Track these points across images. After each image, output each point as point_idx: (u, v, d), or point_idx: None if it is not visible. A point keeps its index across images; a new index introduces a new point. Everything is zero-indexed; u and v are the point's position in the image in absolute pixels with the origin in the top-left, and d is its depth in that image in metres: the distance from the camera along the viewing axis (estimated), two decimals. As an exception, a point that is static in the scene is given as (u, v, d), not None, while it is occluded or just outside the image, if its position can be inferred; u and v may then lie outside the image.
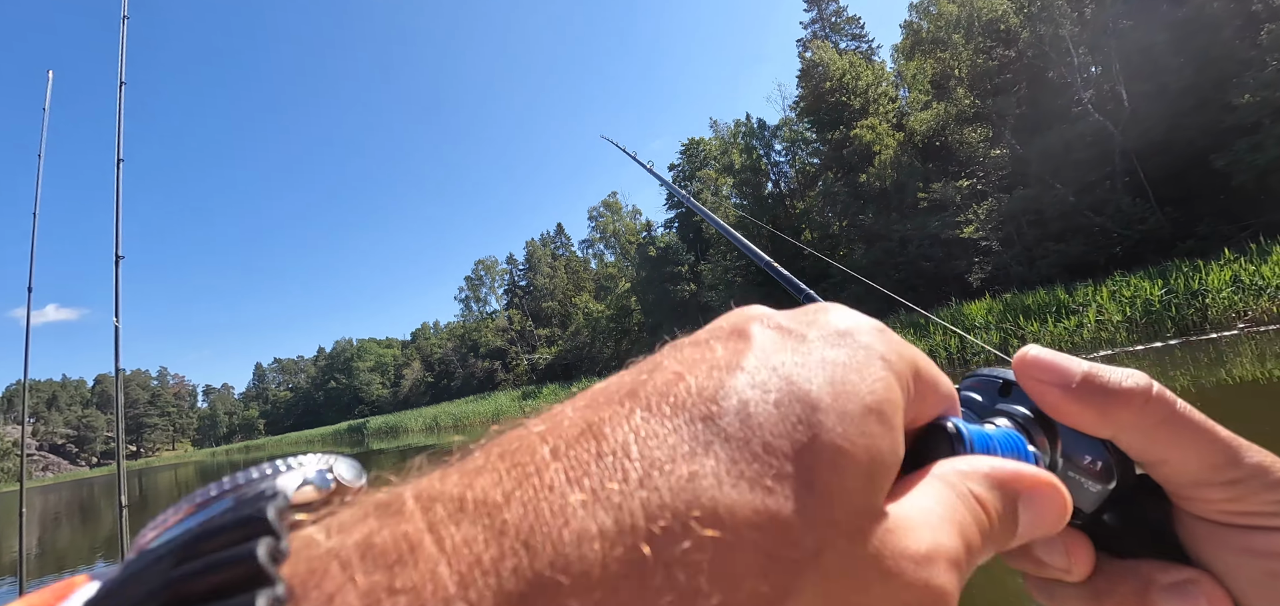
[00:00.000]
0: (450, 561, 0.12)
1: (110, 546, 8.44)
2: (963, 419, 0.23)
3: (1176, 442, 0.23)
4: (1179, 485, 0.24)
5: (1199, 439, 0.23)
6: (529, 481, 0.14)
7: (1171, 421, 0.23)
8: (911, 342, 0.19)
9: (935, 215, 20.69)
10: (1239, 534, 0.23)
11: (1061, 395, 0.24)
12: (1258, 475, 0.22)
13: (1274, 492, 0.22)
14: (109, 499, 22.23)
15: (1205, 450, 0.23)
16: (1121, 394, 0.23)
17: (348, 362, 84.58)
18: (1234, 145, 14.01)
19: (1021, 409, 0.26)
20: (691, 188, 35.33)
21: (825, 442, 0.15)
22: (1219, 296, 10.06)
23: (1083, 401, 0.23)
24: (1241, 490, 0.22)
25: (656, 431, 0.15)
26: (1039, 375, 0.24)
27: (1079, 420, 0.24)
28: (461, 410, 38.27)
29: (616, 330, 39.98)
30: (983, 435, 0.23)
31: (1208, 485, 0.23)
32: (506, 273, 62.39)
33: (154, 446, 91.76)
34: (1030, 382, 0.25)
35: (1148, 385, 0.23)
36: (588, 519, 0.13)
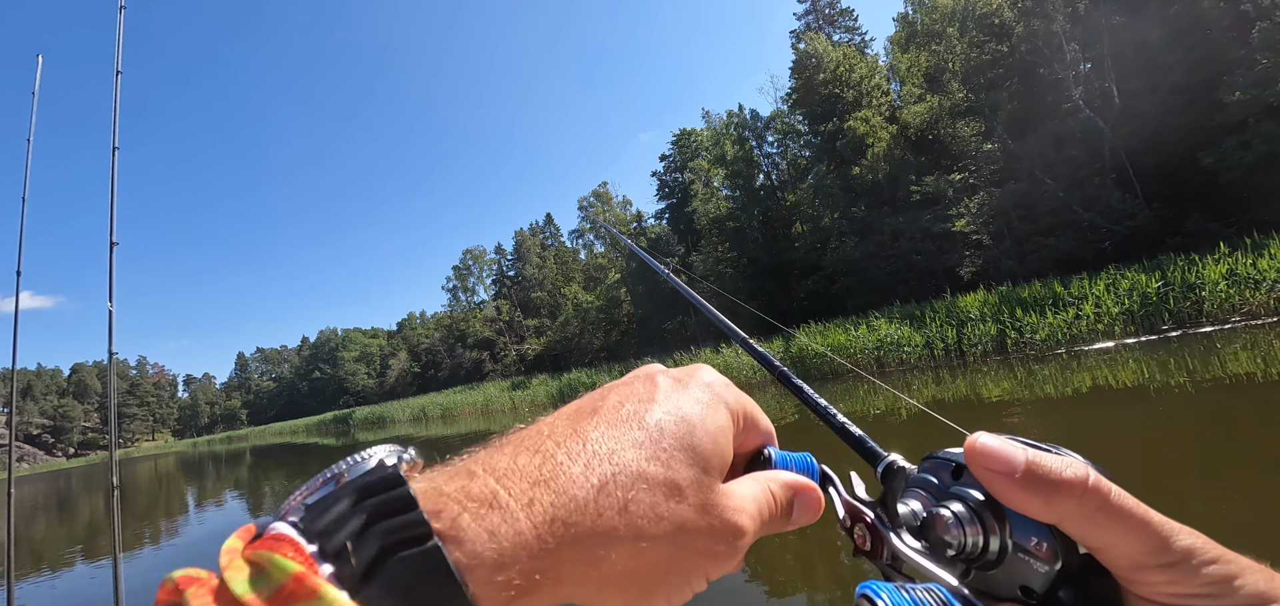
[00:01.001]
0: (517, 501, 0.24)
1: (96, 534, 8.20)
2: (777, 449, 0.35)
3: (1112, 529, 0.25)
4: (1120, 568, 0.26)
5: (1131, 526, 0.25)
6: (548, 459, 0.26)
7: (1106, 510, 0.25)
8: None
9: (927, 209, 20.74)
10: None
11: (1007, 484, 0.26)
12: (1188, 558, 0.24)
13: (1207, 574, 0.24)
14: (89, 490, 21.69)
15: (1138, 537, 0.25)
16: (1062, 485, 0.25)
17: (332, 352, 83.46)
18: (1222, 143, 14.14)
19: (974, 494, 0.29)
20: (683, 179, 35.14)
21: (696, 444, 0.29)
22: (1215, 290, 10.14)
23: (1025, 490, 0.26)
24: (1176, 573, 0.24)
25: (612, 434, 0.28)
26: (986, 464, 0.27)
27: (1024, 507, 0.26)
28: (449, 401, 37.87)
29: (606, 321, 39.76)
30: (784, 457, 0.35)
31: (1146, 569, 0.25)
32: (495, 262, 61.77)
33: (134, 436, 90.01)
34: (979, 470, 0.27)
35: (1084, 476, 0.25)
36: (584, 477, 0.26)
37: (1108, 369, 8.61)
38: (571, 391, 26.45)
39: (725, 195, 31.51)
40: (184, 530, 9.79)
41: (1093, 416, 6.29)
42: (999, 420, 6.71)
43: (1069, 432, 5.71)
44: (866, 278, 23.20)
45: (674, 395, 0.31)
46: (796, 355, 16.66)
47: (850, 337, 15.53)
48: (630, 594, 0.27)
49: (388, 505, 0.23)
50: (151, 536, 9.56)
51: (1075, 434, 5.68)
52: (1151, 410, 5.99)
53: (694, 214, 32.66)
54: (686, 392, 0.31)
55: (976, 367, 11.62)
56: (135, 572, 6.76)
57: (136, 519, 11.97)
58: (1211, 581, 0.24)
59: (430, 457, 0.27)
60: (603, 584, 0.26)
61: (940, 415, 0.43)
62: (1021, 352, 12.00)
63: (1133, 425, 5.65)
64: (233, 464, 25.61)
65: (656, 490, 0.27)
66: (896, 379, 12.63)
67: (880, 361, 14.63)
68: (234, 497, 13.12)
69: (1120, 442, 5.06)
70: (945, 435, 0.34)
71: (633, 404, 0.30)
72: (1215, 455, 4.32)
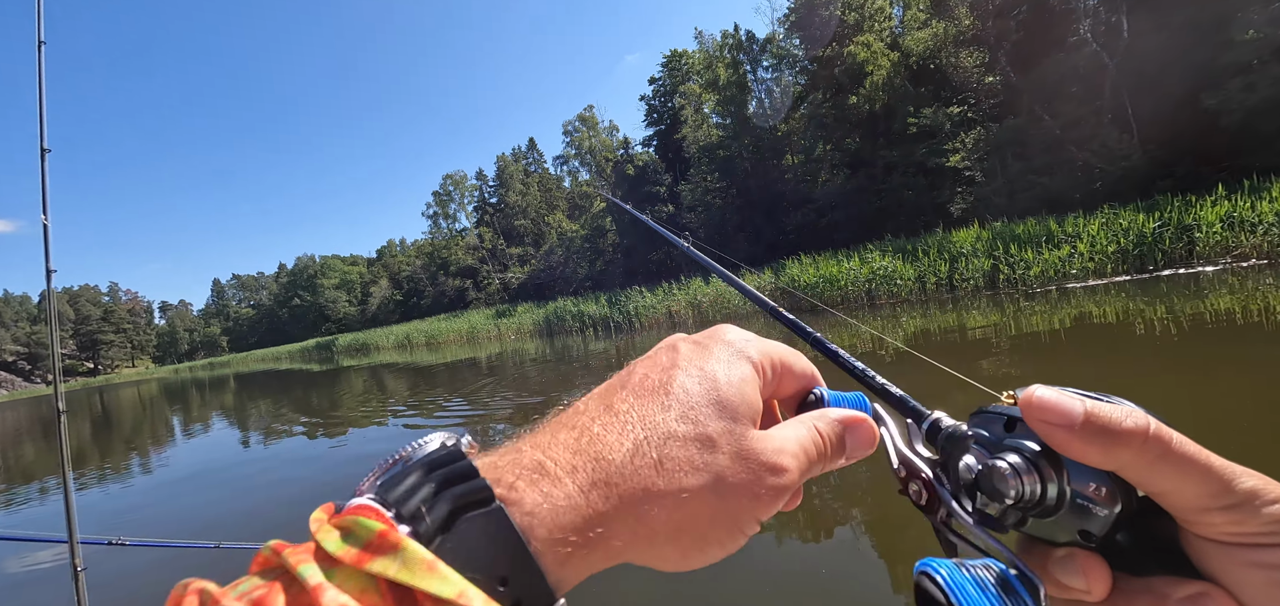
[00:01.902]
0: (562, 469, 0.27)
1: (82, 460, 8.14)
2: (828, 390, 0.36)
3: (1173, 477, 0.25)
4: (1182, 511, 0.26)
5: (1194, 472, 0.25)
6: (584, 432, 0.29)
7: (1168, 457, 0.25)
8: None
9: (923, 142, 20.40)
10: (1243, 550, 0.25)
11: (1066, 435, 0.27)
12: (1252, 500, 0.25)
13: (1269, 513, 0.25)
14: (73, 415, 21.47)
15: (1201, 482, 0.25)
16: (1122, 434, 0.26)
17: (311, 280, 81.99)
18: (1227, 84, 13.92)
19: (1030, 444, 0.30)
20: (673, 105, 33.97)
21: (722, 398, 0.31)
22: (1210, 231, 10.23)
23: (1085, 441, 0.26)
24: (1239, 514, 0.25)
25: (640, 403, 0.30)
26: (1044, 417, 0.27)
27: (1083, 457, 0.27)
28: (434, 328, 37.73)
29: (591, 250, 39.37)
30: (837, 397, 0.36)
31: (1208, 511, 0.25)
32: (476, 189, 60.13)
33: (112, 363, 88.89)
34: (1037, 423, 0.28)
35: (1145, 425, 0.26)
36: (618, 443, 0.28)
37: (1095, 305, 8.74)
38: (557, 320, 26.41)
39: (715, 123, 30.61)
40: (178, 452, 9.75)
41: (1077, 351, 6.38)
42: (984, 354, 6.79)
43: (1053, 367, 5.79)
44: (855, 211, 23.05)
45: (696, 358, 0.32)
46: (785, 285, 16.71)
47: (841, 269, 15.54)
48: (683, 544, 0.28)
49: (453, 475, 0.26)
50: (140, 461, 9.49)
51: (1062, 368, 5.76)
52: (1136, 345, 6.09)
53: (683, 141, 31.78)
54: (708, 354, 0.33)
55: (966, 303, 11.74)
56: (136, 489, 6.73)
57: (125, 444, 11.88)
58: (1273, 519, 0.25)
59: (421, 383, 0.27)
60: (652, 538, 0.28)
61: (928, 357, 0.41)
62: (1012, 289, 12.13)
63: (1117, 358, 5.74)
64: (218, 389, 25.46)
65: (689, 445, 0.29)
66: (886, 312, 12.75)
67: (871, 294, 14.73)
68: (226, 423, 13.04)
69: (1105, 375, 5.14)
70: (934, 377, 0.33)
71: (657, 373, 0.32)
72: (1194, 392, 4.41)
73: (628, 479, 0.27)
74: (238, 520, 5.32)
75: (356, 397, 13.61)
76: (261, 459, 8.29)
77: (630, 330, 20.95)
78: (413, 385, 14.18)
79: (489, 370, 14.40)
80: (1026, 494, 0.29)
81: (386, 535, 0.22)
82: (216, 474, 7.62)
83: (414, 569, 0.22)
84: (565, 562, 0.26)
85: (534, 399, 9.16)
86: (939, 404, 0.33)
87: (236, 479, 7.24)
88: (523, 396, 9.56)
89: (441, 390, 12.07)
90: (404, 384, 14.81)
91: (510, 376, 12.54)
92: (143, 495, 7.14)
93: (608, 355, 13.99)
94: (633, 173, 35.73)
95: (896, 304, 13.69)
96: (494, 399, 9.81)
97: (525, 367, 13.88)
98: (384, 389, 14.60)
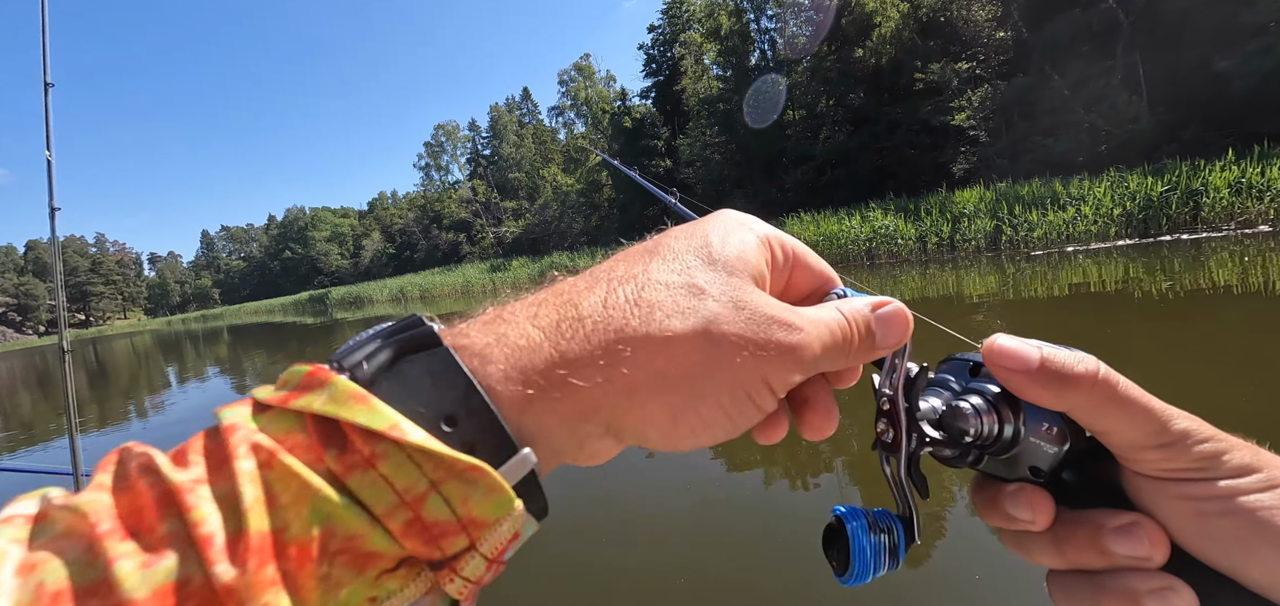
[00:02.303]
0: (524, 314, 0.26)
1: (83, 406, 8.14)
2: (853, 290, 0.34)
3: (1118, 417, 0.28)
4: (1122, 449, 0.29)
5: (1136, 413, 0.28)
6: (554, 286, 0.28)
7: (1114, 400, 0.28)
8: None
9: (928, 99, 19.97)
10: (1172, 484, 0.28)
11: (1023, 379, 0.29)
12: (1184, 440, 0.27)
13: (1197, 451, 0.27)
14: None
15: (1141, 422, 0.28)
16: (1073, 378, 0.28)
17: (302, 232, 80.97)
18: (1243, 46, 13.61)
19: (991, 387, 0.32)
20: (672, 55, 32.95)
21: (717, 255, 0.28)
22: (1218, 197, 10.13)
23: (1040, 384, 0.28)
24: (1172, 453, 0.27)
25: (623, 261, 0.28)
26: (1003, 362, 0.29)
27: (1038, 399, 0.29)
28: (428, 281, 37.54)
29: (586, 204, 38.91)
30: (859, 293, 0.34)
31: (1145, 449, 0.28)
32: (469, 140, 58.85)
33: (104, 314, 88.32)
34: (996, 368, 0.29)
35: (1094, 369, 0.28)
36: (590, 288, 0.26)
37: (1097, 269, 8.72)
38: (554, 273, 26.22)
39: (715, 75, 29.78)
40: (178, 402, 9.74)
41: (1075, 314, 6.38)
42: (985, 318, 6.79)
43: (1052, 328, 5.80)
44: (856, 169, 22.73)
45: (688, 230, 0.30)
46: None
47: (842, 227, 15.40)
48: (672, 401, 0.25)
49: (404, 329, 0.24)
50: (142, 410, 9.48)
51: (1063, 328, 5.77)
52: (1133, 308, 6.09)
53: (682, 93, 31.01)
54: (704, 224, 0.31)
55: (966, 264, 11.72)
56: (134, 433, 6.70)
57: (122, 394, 11.86)
58: (1201, 457, 0.27)
59: None
60: (633, 389, 0.24)
61: (937, 321, 0.42)
62: (1014, 251, 12.08)
63: (1114, 322, 5.75)
64: (212, 341, 25.38)
65: (674, 290, 0.26)
66: (886, 272, 12.73)
67: (871, 254, 14.66)
68: (219, 373, 13.02)
69: (1101, 336, 5.14)
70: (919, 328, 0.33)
71: (641, 247, 0.30)
72: (1193, 355, 4.41)
73: (599, 320, 0.25)
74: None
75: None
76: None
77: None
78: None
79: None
80: (985, 432, 0.31)
81: (315, 373, 0.21)
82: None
83: (341, 401, 0.20)
84: (526, 407, 0.23)
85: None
86: (923, 354, 0.33)
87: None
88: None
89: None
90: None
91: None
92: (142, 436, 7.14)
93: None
94: (630, 125, 34.97)
95: (897, 263, 13.65)
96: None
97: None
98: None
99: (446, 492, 0.20)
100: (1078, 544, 0.30)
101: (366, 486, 0.20)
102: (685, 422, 0.26)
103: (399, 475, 0.20)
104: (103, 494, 0.19)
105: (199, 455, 0.20)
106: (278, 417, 0.21)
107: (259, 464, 0.19)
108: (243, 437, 0.19)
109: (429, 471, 0.20)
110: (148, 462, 0.19)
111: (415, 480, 0.20)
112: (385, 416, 0.20)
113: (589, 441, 0.25)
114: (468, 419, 0.22)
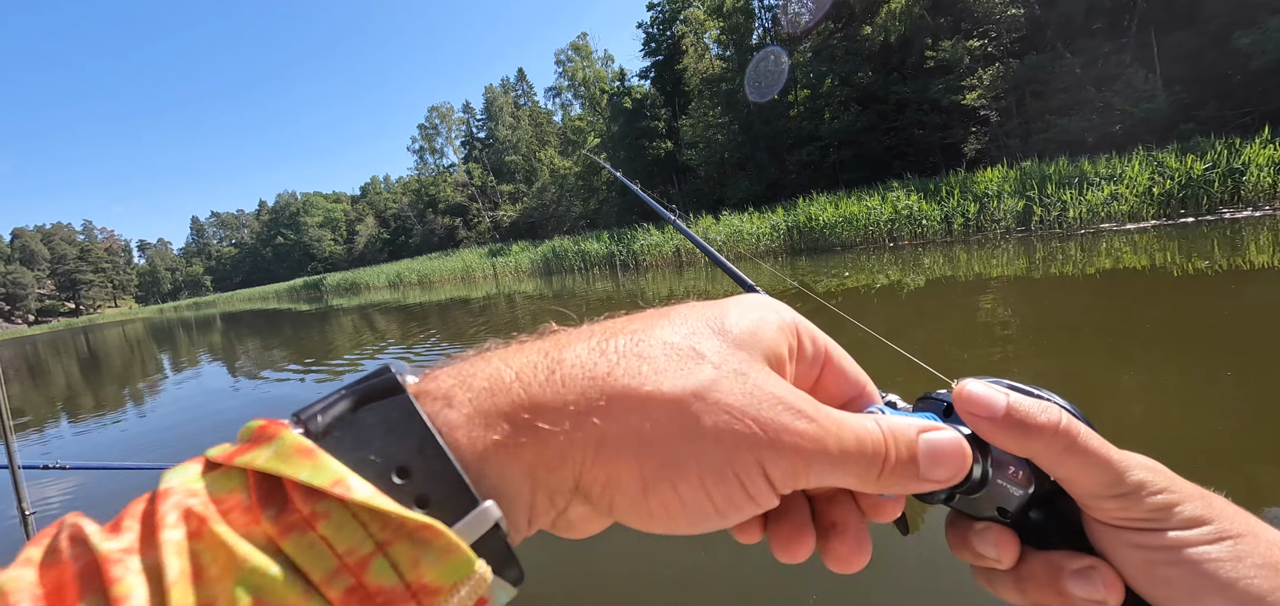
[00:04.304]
0: (499, 356, 0.24)
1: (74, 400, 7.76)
2: (890, 406, 0.33)
3: (1076, 466, 0.29)
4: (1081, 496, 0.30)
5: (1093, 463, 0.29)
6: (543, 335, 0.26)
7: (1073, 450, 0.29)
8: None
9: (939, 78, 19.57)
10: (1127, 533, 0.29)
11: (990, 425, 0.29)
12: (1138, 491, 0.28)
13: (1150, 502, 0.28)
14: (58, 356, 20.92)
15: (1097, 472, 0.29)
16: (1035, 428, 0.29)
17: (294, 217, 79.88)
18: (1265, 22, 13.30)
19: (963, 429, 0.32)
20: (673, 33, 32.27)
21: (728, 327, 0.27)
22: (1261, 175, 9.90)
23: (1005, 431, 0.29)
24: (1126, 502, 0.28)
25: (624, 320, 0.27)
26: (971, 408, 0.30)
27: (1003, 444, 0.30)
28: (426, 267, 36.99)
29: (584, 188, 38.32)
30: (904, 413, 0.33)
31: (1102, 497, 0.29)
32: (464, 122, 57.93)
33: (94, 303, 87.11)
34: (966, 414, 0.30)
35: (1056, 420, 0.29)
36: (581, 336, 0.25)
37: (1130, 250, 8.47)
38: (557, 258, 25.74)
39: (715, 54, 29.15)
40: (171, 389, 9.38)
41: (1114, 292, 6.13)
42: (1007, 298, 6.53)
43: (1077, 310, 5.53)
44: (864, 150, 22.35)
45: (714, 302, 0.29)
46: (805, 226, 16.28)
47: (862, 208, 15.07)
48: (645, 465, 0.23)
49: (368, 382, 0.22)
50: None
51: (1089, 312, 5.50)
52: (1173, 291, 5.83)
53: (684, 72, 30.38)
54: (732, 299, 0.30)
55: (995, 244, 11.43)
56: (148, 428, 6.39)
57: (118, 379, 11.47)
58: (1154, 508, 0.28)
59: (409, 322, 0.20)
60: (601, 444, 0.22)
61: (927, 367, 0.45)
62: (1046, 231, 11.80)
63: (1150, 302, 5.49)
64: (205, 329, 24.89)
65: (672, 350, 0.24)
66: (908, 253, 12.44)
67: (892, 235, 14.38)
68: (212, 361, 12.63)
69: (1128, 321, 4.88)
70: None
71: (664, 309, 0.28)
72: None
73: (579, 366, 0.23)
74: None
75: (381, 335, 13.22)
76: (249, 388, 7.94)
77: (637, 269, 20.50)
78: (417, 319, 13.78)
79: (505, 313, 14.00)
80: None
81: (265, 428, 0.20)
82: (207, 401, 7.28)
83: (285, 456, 0.19)
84: (489, 454, 0.21)
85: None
86: (900, 388, 0.35)
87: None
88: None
89: (471, 325, 11.69)
90: (420, 323, 14.41)
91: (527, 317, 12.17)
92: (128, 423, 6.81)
93: (623, 295, 13.61)
94: (630, 106, 34.28)
95: (922, 245, 13.34)
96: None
97: (544, 307, 13.50)
98: (424, 322, 14.19)
99: (394, 555, 0.18)
100: (1039, 583, 0.31)
101: (304, 549, 0.18)
102: (658, 494, 0.23)
103: (340, 536, 0.18)
104: (29, 569, 0.18)
105: (134, 521, 0.18)
106: (222, 477, 0.19)
107: (188, 533, 0.18)
108: (174, 504, 0.18)
109: (375, 531, 0.18)
110: (77, 533, 0.18)
111: (359, 541, 0.18)
112: (330, 471, 0.19)
113: (559, 498, 0.23)
114: (422, 468, 0.20)
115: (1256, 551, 0.27)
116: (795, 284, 8.96)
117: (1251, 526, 0.29)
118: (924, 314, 6.73)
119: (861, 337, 0.68)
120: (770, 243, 17.11)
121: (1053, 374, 4.01)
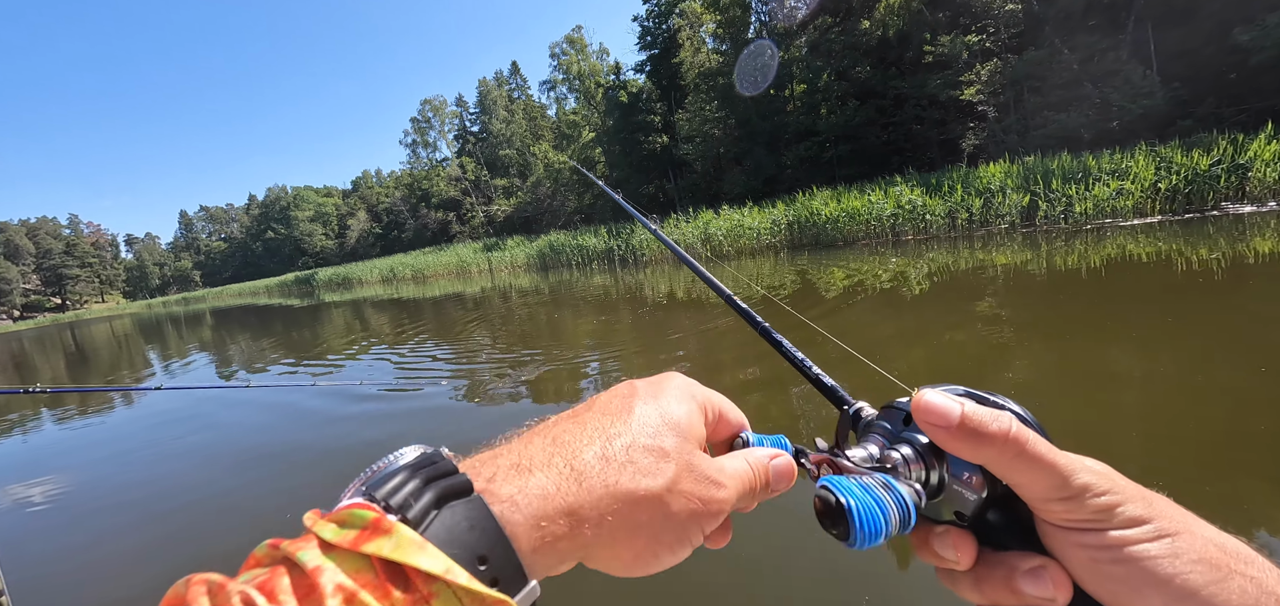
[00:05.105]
0: (538, 466, 0.31)
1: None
2: (753, 434, 0.41)
3: (1025, 471, 0.31)
4: (1031, 500, 0.32)
5: (1040, 469, 0.31)
6: (557, 440, 0.33)
7: (1022, 456, 0.31)
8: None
9: (936, 73, 19.53)
10: (1074, 533, 0.31)
11: (945, 434, 0.33)
12: (1083, 494, 0.31)
13: (1093, 504, 0.30)
14: (45, 352, 20.55)
15: (1044, 477, 0.31)
16: (986, 436, 0.32)
17: (284, 212, 78.98)
18: (1265, 18, 13.32)
19: (920, 437, 0.36)
20: (669, 27, 32.04)
21: (675, 422, 0.35)
22: (1266, 171, 9.94)
23: (959, 439, 0.32)
24: (1072, 505, 0.31)
25: (605, 420, 0.34)
26: (928, 418, 0.33)
27: (958, 452, 0.33)
28: (419, 262, 36.60)
29: (579, 183, 38.08)
30: (760, 439, 0.41)
31: (1049, 500, 0.31)
32: (457, 116, 57.38)
33: (81, 298, 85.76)
34: (922, 422, 0.33)
35: (1006, 428, 0.31)
36: (588, 446, 0.32)
37: (1135, 245, 8.45)
38: (552, 253, 25.53)
39: (712, 48, 28.97)
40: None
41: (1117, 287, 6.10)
42: (1003, 286, 6.48)
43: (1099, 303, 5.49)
44: (861, 146, 22.31)
45: (650, 393, 0.37)
46: (807, 221, 16.20)
47: (865, 203, 15.01)
48: (638, 544, 0.32)
49: (436, 473, 0.29)
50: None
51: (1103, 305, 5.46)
52: (1174, 280, 5.80)
53: (680, 66, 30.21)
54: (662, 392, 0.37)
55: (1000, 241, 11.40)
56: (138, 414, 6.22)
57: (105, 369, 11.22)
58: (1097, 509, 0.30)
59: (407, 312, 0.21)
60: (614, 534, 0.31)
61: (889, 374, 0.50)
62: (1051, 227, 11.79)
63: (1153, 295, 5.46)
64: (195, 324, 24.52)
65: (648, 454, 0.33)
66: (910, 248, 12.39)
67: (894, 230, 14.34)
68: (204, 356, 12.40)
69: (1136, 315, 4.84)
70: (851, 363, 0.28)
71: (618, 402, 0.36)
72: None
73: (594, 475, 0.31)
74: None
75: (387, 333, 13.02)
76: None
77: (636, 264, 20.34)
78: (411, 314, 13.60)
79: (524, 309, 13.82)
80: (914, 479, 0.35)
81: (379, 522, 0.25)
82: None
83: (406, 547, 0.25)
84: (538, 547, 0.29)
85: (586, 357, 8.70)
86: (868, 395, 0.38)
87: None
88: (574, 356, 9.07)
89: (493, 337, 11.53)
90: (434, 317, 14.22)
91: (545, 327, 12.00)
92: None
93: (622, 290, 13.48)
94: (625, 100, 34.05)
95: (925, 241, 13.32)
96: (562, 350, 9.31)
97: (557, 309, 13.33)
98: (418, 317, 14.00)
99: None
100: (994, 583, 0.33)
101: None
102: (641, 560, 0.33)
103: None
104: None
105: (289, 596, 0.23)
106: (348, 558, 0.24)
107: (344, 600, 0.23)
108: (330, 579, 0.23)
109: (469, 604, 0.25)
110: (248, 599, 0.22)
111: None
112: (440, 561, 0.25)
113: (569, 561, 0.31)
114: (497, 558, 0.27)
115: (1193, 547, 0.29)
116: (762, 290, 8.95)
117: (1189, 524, 0.30)
118: (944, 318, 6.65)
119: (841, 354, 0.76)
120: (771, 237, 17.02)
121: (1082, 372, 3.93)
